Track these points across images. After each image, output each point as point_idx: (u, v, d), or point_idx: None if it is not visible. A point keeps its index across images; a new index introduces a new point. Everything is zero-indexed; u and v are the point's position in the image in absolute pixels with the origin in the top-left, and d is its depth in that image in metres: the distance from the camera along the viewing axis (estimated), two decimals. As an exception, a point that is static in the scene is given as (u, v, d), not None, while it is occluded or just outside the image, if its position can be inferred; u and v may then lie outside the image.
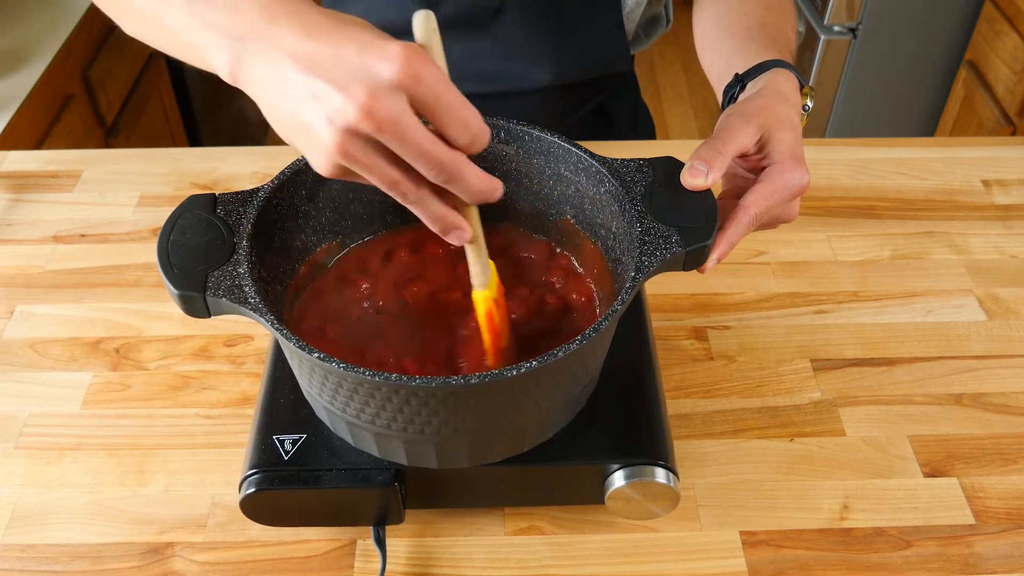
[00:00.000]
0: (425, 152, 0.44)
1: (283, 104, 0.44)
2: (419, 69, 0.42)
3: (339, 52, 0.42)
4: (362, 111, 0.41)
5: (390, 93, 0.42)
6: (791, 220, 0.64)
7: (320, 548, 0.64)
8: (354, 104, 0.42)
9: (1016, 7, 1.83)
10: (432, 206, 0.48)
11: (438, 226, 0.49)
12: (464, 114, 0.44)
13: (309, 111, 0.43)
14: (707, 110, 2.83)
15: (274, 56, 0.44)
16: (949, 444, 0.71)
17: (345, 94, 0.42)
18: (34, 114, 1.51)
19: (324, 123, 0.43)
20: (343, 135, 0.43)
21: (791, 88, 0.65)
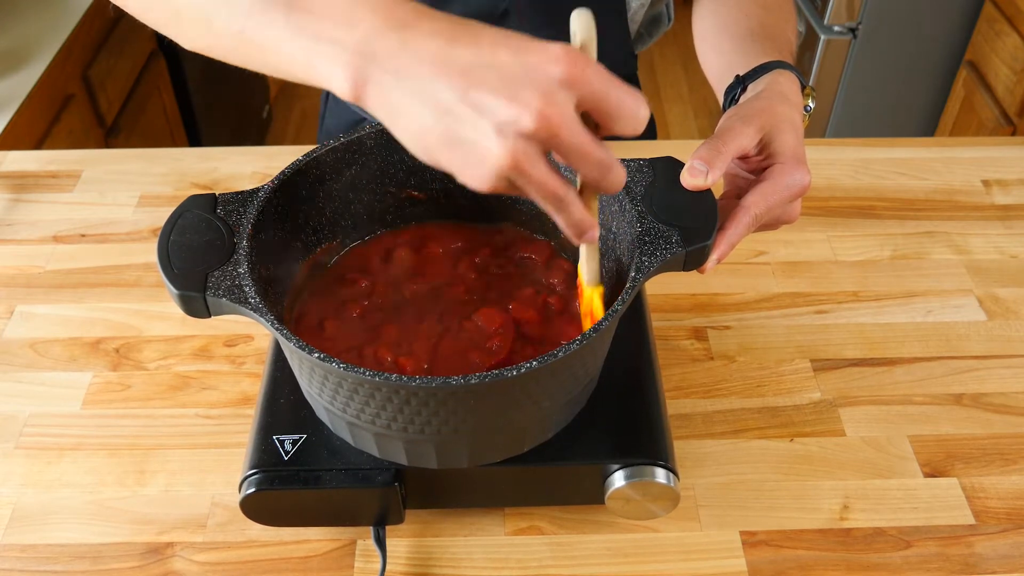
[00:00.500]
0: (588, 153, 0.42)
1: (433, 122, 0.41)
2: (585, 67, 0.41)
3: (494, 59, 0.40)
4: (539, 117, 0.39)
5: (562, 95, 0.40)
6: (792, 221, 0.64)
7: (320, 548, 0.64)
8: (529, 111, 0.39)
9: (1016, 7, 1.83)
10: (576, 212, 0.45)
11: (575, 230, 0.47)
12: (633, 105, 0.42)
13: (471, 126, 0.40)
14: (707, 110, 2.83)
15: (418, 73, 0.41)
16: (949, 444, 0.71)
17: (516, 102, 0.39)
18: (34, 114, 1.51)
19: (492, 136, 0.40)
20: (517, 145, 0.40)
21: (792, 89, 0.65)
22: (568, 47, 0.41)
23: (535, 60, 0.40)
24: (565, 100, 0.40)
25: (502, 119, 0.40)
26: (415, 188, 0.67)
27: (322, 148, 0.61)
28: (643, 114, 0.43)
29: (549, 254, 0.67)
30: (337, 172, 0.63)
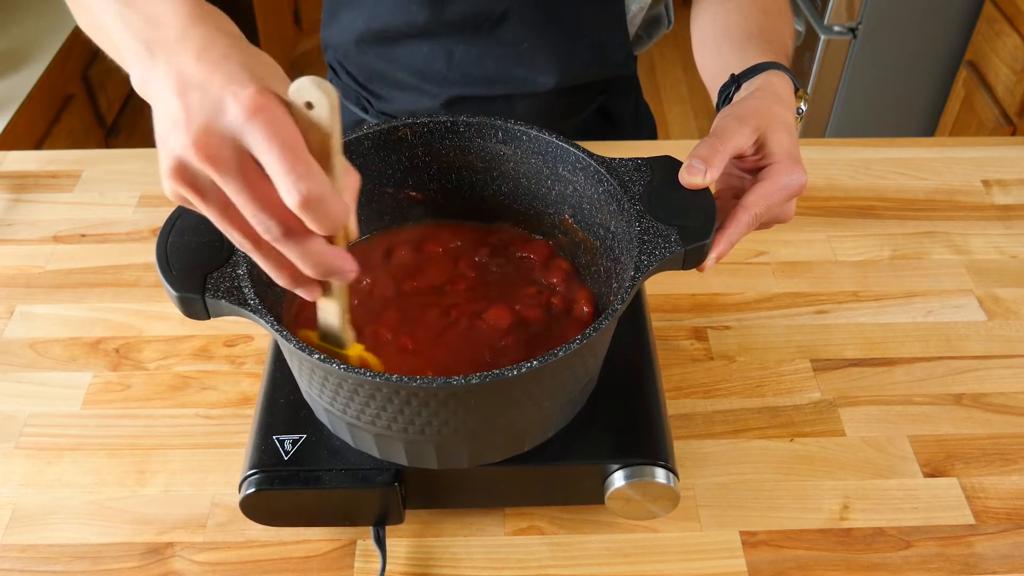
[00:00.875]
0: (250, 200, 0.41)
1: (157, 123, 0.44)
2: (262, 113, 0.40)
3: (209, 82, 0.42)
4: (191, 142, 0.41)
5: (224, 131, 0.41)
6: (787, 220, 0.64)
7: (320, 548, 0.64)
8: (188, 134, 0.41)
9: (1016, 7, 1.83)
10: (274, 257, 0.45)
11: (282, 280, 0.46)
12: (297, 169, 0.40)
13: (166, 134, 0.42)
14: (707, 110, 2.83)
15: (168, 75, 0.43)
16: (949, 444, 0.71)
17: (187, 124, 0.41)
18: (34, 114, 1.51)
19: (167, 148, 0.42)
20: (175, 162, 0.42)
21: (786, 90, 0.66)
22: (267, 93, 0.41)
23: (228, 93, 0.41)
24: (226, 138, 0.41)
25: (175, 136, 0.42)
26: (413, 188, 0.67)
27: (322, 148, 0.61)
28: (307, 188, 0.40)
29: (547, 254, 0.67)
30: (337, 172, 0.63)
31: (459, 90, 0.89)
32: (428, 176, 0.67)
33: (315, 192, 0.40)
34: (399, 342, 0.60)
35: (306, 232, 0.43)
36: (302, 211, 0.41)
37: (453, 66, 0.88)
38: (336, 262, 0.45)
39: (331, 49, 0.97)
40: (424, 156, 0.66)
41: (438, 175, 0.67)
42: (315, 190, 0.40)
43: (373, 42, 0.89)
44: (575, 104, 0.95)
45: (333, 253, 0.44)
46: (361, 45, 0.90)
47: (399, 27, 0.87)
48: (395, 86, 0.92)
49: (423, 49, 0.88)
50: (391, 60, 0.90)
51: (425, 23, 0.85)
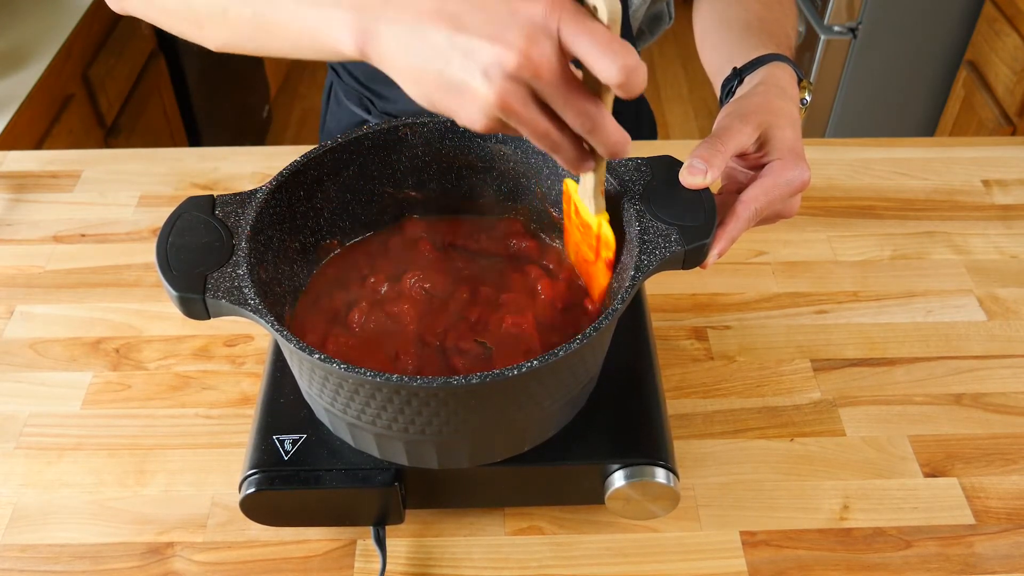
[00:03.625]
0: (572, 100, 0.44)
1: (427, 66, 0.43)
2: (567, 14, 0.42)
3: (483, 4, 0.42)
4: (522, 57, 0.41)
5: (546, 38, 0.42)
6: (790, 216, 0.63)
7: (320, 548, 0.64)
8: (513, 51, 0.41)
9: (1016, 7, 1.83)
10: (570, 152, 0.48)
11: (573, 166, 0.49)
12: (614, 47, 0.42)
13: (461, 68, 0.42)
14: (707, 110, 2.83)
15: (410, 20, 0.43)
16: (949, 444, 0.71)
17: (501, 44, 0.41)
18: (34, 114, 1.51)
19: (480, 77, 0.42)
20: (504, 85, 0.42)
21: (789, 82, 0.65)
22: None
23: (521, 5, 0.42)
24: (548, 41, 0.42)
25: (487, 61, 0.42)
26: (413, 188, 0.67)
27: (320, 149, 0.61)
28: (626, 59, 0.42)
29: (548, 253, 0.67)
30: (335, 172, 0.63)
31: None
32: (428, 176, 0.67)
33: (631, 63, 0.42)
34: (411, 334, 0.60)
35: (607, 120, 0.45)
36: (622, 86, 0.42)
37: None
38: (625, 138, 0.47)
39: None
40: (424, 156, 0.66)
41: (438, 175, 0.67)
42: (631, 62, 0.42)
43: None
44: None
45: (621, 131, 0.47)
46: None
47: None
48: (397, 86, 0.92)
49: None
50: None
51: None
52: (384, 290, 0.64)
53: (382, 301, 0.63)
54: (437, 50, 0.43)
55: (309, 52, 0.50)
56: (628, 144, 0.48)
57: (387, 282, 0.64)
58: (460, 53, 0.42)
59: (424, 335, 0.61)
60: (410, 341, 0.60)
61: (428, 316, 0.62)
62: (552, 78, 0.42)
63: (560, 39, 0.42)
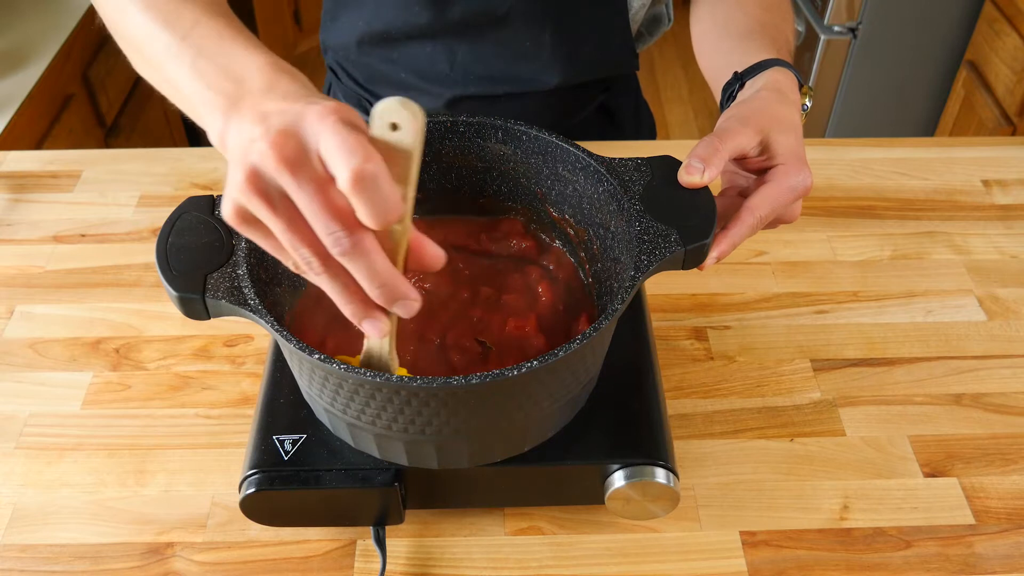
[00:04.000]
0: (320, 207, 0.41)
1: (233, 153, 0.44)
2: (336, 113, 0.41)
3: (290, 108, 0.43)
4: (268, 144, 0.41)
5: (300, 135, 0.41)
6: (792, 220, 0.64)
7: (320, 548, 0.64)
8: (266, 142, 0.41)
9: (1016, 7, 1.83)
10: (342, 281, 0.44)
11: (350, 309, 0.45)
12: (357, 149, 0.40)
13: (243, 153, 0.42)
14: (708, 110, 2.83)
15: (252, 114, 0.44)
16: (949, 444, 0.71)
17: (265, 134, 0.41)
18: (34, 114, 1.51)
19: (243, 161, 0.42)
20: (249, 171, 0.41)
21: (790, 87, 0.65)
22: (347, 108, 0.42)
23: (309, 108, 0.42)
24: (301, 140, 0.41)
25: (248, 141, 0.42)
26: (414, 188, 0.67)
27: (322, 148, 0.61)
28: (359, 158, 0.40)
29: (547, 253, 0.67)
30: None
31: (462, 90, 0.89)
32: (428, 177, 0.67)
33: (370, 170, 0.39)
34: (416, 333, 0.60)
35: (372, 250, 0.42)
36: (354, 188, 0.40)
37: (456, 66, 0.88)
38: (402, 285, 0.44)
39: (331, 51, 0.97)
40: (424, 156, 0.65)
41: (438, 175, 0.67)
42: (370, 169, 0.39)
43: (375, 43, 0.89)
44: (578, 102, 0.95)
45: (397, 275, 0.43)
46: (363, 47, 0.90)
47: (401, 28, 0.86)
48: (398, 87, 0.92)
49: (425, 50, 0.88)
50: (393, 61, 0.90)
51: (427, 24, 0.85)
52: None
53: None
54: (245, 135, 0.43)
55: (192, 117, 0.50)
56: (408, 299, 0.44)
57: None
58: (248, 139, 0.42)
59: (425, 334, 0.61)
60: (410, 340, 0.60)
61: (429, 316, 0.62)
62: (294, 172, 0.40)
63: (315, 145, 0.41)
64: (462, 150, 0.65)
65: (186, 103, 0.50)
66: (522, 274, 0.65)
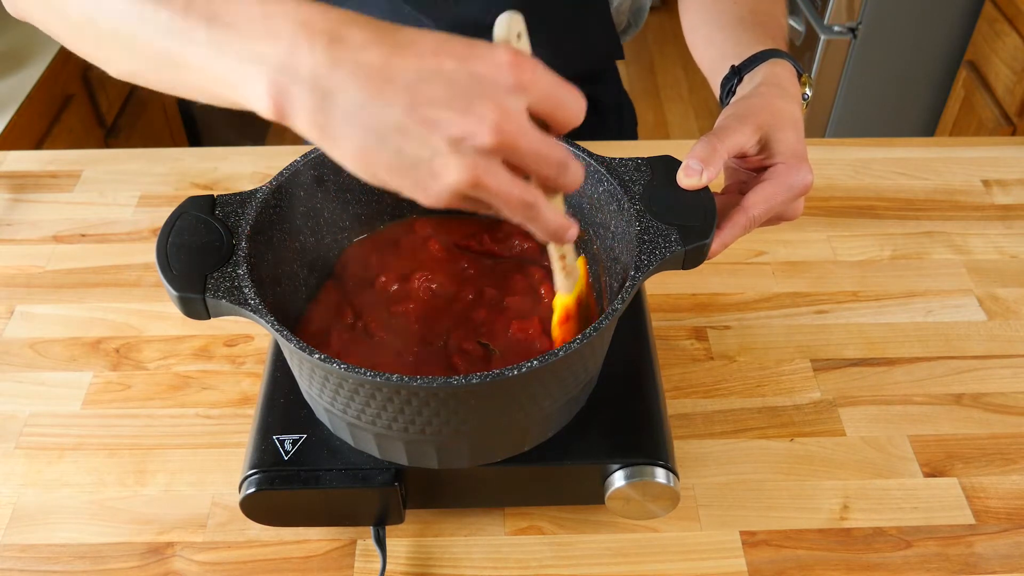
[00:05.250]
0: (546, 156, 0.40)
1: (378, 143, 0.38)
2: (533, 71, 0.39)
3: (439, 69, 0.37)
4: (496, 130, 0.37)
5: (515, 103, 0.38)
6: (794, 218, 0.63)
7: (320, 548, 0.64)
8: (485, 124, 0.37)
9: (1016, 7, 1.83)
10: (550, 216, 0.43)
11: (553, 234, 0.45)
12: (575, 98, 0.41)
13: (421, 144, 0.37)
14: (708, 110, 2.83)
15: (351, 88, 0.38)
16: (949, 444, 0.71)
17: (470, 115, 0.37)
18: (34, 114, 1.51)
19: (447, 153, 0.37)
20: (476, 161, 0.38)
21: (790, 79, 0.64)
22: (512, 49, 0.39)
23: (483, 68, 0.38)
24: (519, 108, 0.39)
25: (456, 134, 0.37)
26: (415, 188, 0.67)
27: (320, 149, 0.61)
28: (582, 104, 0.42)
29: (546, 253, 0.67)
30: (336, 172, 0.63)
31: None
32: (428, 176, 0.67)
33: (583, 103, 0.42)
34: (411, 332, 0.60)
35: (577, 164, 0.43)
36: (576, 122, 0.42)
37: None
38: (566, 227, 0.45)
39: None
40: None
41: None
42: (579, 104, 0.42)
43: None
44: None
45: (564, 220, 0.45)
46: None
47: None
48: None
49: None
50: None
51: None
52: (385, 290, 0.64)
53: (383, 301, 0.63)
54: (392, 125, 0.37)
55: (221, 103, 0.43)
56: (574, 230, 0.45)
57: (389, 282, 0.64)
58: (421, 127, 0.37)
59: (426, 335, 0.61)
60: (411, 341, 0.60)
61: (431, 316, 0.62)
62: (527, 145, 0.39)
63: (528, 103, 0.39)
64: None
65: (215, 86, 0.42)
66: (525, 275, 0.65)
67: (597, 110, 1.00)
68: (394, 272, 0.65)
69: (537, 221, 0.43)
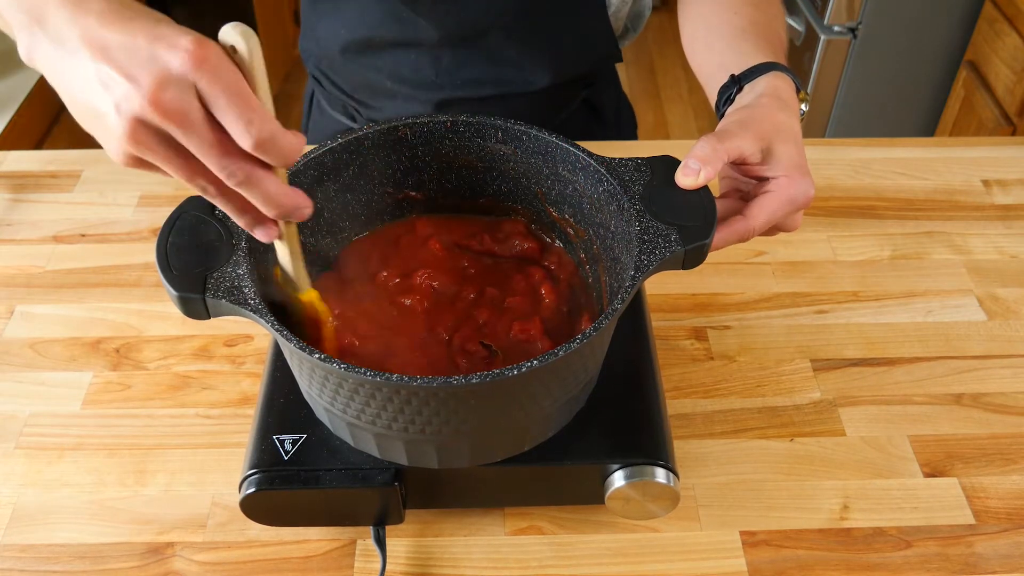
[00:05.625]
0: (211, 150, 0.43)
1: (76, 91, 0.44)
2: (207, 62, 0.42)
3: (131, 41, 0.42)
4: (148, 100, 0.41)
5: (177, 84, 0.41)
6: (792, 230, 0.64)
7: (320, 548, 0.64)
8: (140, 93, 0.41)
9: (1016, 7, 1.83)
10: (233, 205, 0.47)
11: (243, 221, 0.49)
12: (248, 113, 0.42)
13: (100, 99, 0.43)
14: (707, 110, 2.83)
15: (69, 41, 0.43)
16: (949, 444, 0.71)
17: (133, 83, 0.41)
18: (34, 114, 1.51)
19: (113, 111, 0.42)
20: (132, 124, 0.42)
21: (790, 94, 0.65)
22: (204, 41, 0.42)
23: (162, 47, 0.42)
24: (181, 89, 0.41)
25: (120, 97, 0.42)
26: (413, 188, 0.67)
27: (320, 149, 0.61)
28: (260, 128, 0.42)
29: (547, 253, 0.67)
30: (335, 173, 0.63)
31: (448, 93, 0.89)
32: (428, 176, 0.67)
33: (266, 132, 0.43)
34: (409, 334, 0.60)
35: (264, 177, 0.45)
36: (258, 151, 0.43)
37: (441, 72, 0.87)
38: (294, 200, 0.47)
39: (312, 59, 0.96)
40: (424, 156, 0.66)
41: (438, 175, 0.67)
42: (266, 130, 0.43)
43: (358, 51, 0.89)
44: (563, 99, 0.95)
45: (290, 192, 0.47)
46: (347, 54, 0.90)
47: (383, 36, 0.86)
48: (383, 94, 0.91)
49: (410, 57, 0.87)
50: (378, 69, 0.89)
51: (412, 35, 0.85)
52: (386, 290, 0.64)
53: (383, 301, 0.63)
54: (86, 76, 0.43)
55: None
56: (301, 207, 0.47)
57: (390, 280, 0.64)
58: (100, 84, 0.42)
59: (428, 336, 0.61)
60: (412, 342, 0.60)
61: (432, 317, 0.62)
62: (181, 124, 0.42)
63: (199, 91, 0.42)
64: (462, 150, 0.65)
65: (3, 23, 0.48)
66: (525, 275, 0.65)
67: (596, 112, 1.00)
68: (394, 271, 0.65)
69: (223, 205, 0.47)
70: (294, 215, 0.48)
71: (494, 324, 0.61)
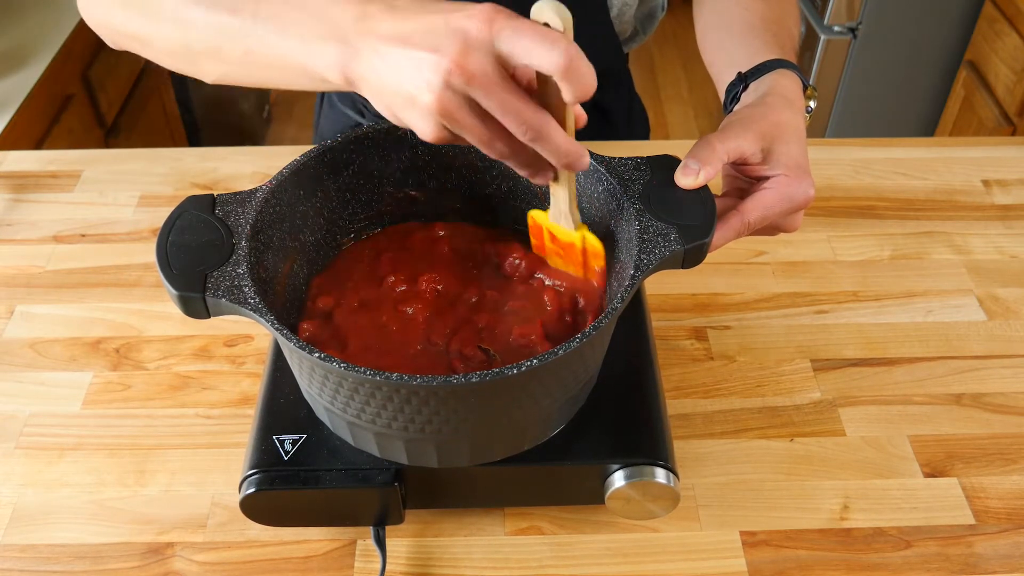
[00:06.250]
0: (511, 108, 0.46)
1: (387, 82, 0.47)
2: (502, 22, 0.44)
3: (429, 24, 0.45)
4: (453, 64, 0.44)
5: (479, 47, 0.44)
6: (792, 231, 0.63)
7: (320, 548, 0.64)
8: (446, 59, 0.44)
9: (1016, 7, 1.83)
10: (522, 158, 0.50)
11: (527, 171, 0.52)
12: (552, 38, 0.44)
13: (410, 80, 0.45)
14: (707, 110, 2.83)
15: (374, 45, 0.47)
16: (949, 444, 0.71)
17: (438, 53, 0.44)
18: (34, 114, 1.51)
19: (424, 87, 0.45)
20: (441, 92, 0.45)
21: (796, 92, 0.64)
22: (492, 5, 0.45)
23: (457, 18, 0.45)
24: (483, 52, 0.44)
25: (428, 70, 0.45)
26: (413, 187, 0.67)
27: (320, 148, 0.61)
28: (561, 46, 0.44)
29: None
30: (336, 172, 0.63)
31: None
32: (428, 175, 0.67)
33: (573, 54, 0.44)
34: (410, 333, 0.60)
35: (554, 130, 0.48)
36: (566, 76, 0.44)
37: None
38: (578, 150, 0.50)
39: None
40: (424, 156, 0.66)
41: (438, 174, 0.67)
42: (572, 53, 0.44)
43: None
44: None
45: (574, 144, 0.49)
46: None
47: None
48: None
49: None
50: None
51: None
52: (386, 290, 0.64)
53: (383, 301, 0.63)
54: (394, 65, 0.46)
55: (302, 85, 0.53)
56: (583, 157, 0.50)
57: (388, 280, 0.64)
58: (411, 67, 0.45)
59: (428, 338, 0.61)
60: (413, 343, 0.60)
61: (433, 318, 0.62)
62: (486, 85, 0.45)
63: (498, 50, 0.44)
64: (462, 149, 0.65)
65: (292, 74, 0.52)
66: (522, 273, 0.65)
67: (606, 116, 1.00)
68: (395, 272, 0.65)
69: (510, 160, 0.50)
70: (577, 164, 0.50)
71: (493, 328, 0.61)
